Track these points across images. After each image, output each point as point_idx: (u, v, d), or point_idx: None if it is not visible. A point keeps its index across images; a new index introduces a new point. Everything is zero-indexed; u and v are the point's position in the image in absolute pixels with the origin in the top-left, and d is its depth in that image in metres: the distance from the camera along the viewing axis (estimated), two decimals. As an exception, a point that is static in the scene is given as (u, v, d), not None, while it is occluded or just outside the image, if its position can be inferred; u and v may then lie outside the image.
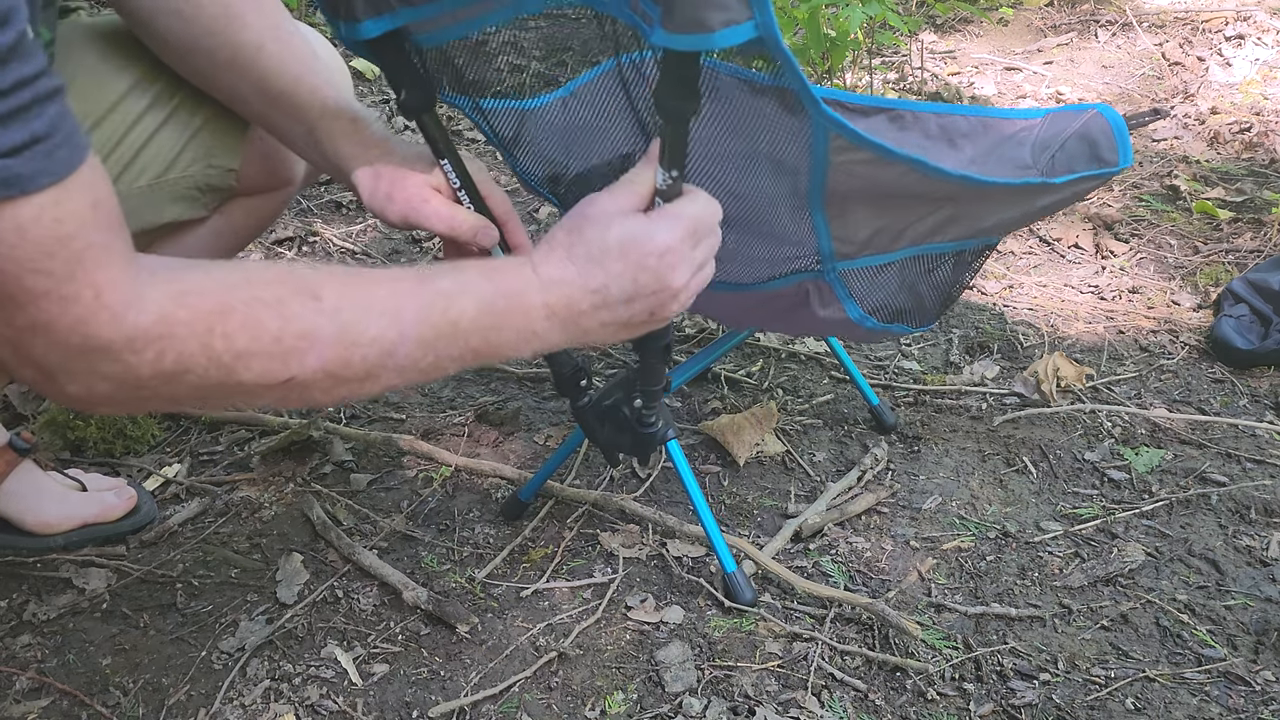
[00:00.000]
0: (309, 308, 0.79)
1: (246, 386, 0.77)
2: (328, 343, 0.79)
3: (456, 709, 1.17)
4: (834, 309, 1.27)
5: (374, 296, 0.82)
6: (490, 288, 0.87)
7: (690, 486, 1.30)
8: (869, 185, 1.09)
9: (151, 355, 0.73)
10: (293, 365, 0.78)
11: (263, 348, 0.77)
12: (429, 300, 0.84)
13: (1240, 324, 1.86)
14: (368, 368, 0.81)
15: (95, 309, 0.70)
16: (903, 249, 1.22)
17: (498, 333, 0.87)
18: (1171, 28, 3.39)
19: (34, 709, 1.17)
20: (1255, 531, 1.45)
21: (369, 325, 0.81)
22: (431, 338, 0.83)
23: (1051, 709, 1.18)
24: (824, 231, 1.17)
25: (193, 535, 1.43)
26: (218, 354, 0.75)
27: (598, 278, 0.89)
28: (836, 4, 2.48)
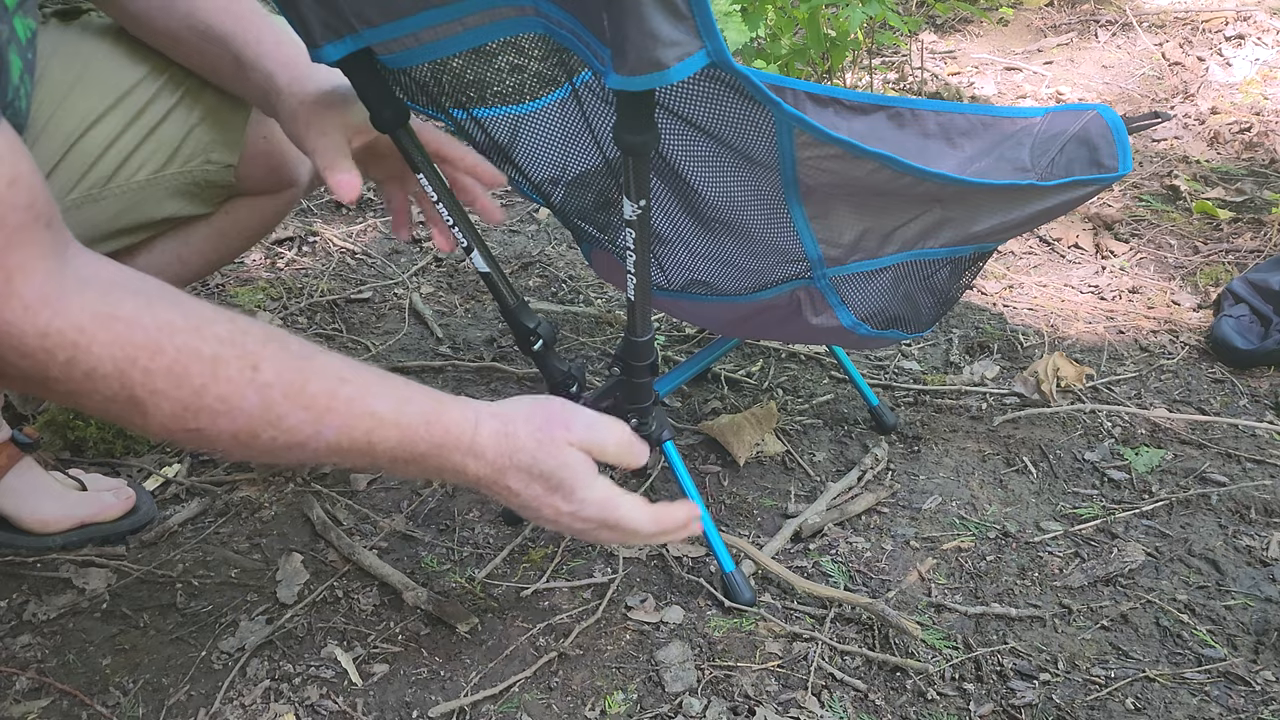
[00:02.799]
0: (243, 376, 0.79)
1: (149, 421, 0.77)
2: (246, 414, 0.79)
3: (456, 709, 1.17)
4: (826, 316, 1.26)
5: (309, 390, 0.82)
6: (424, 432, 0.89)
7: (687, 487, 1.30)
8: (843, 182, 1.09)
9: (63, 359, 0.72)
10: (203, 420, 0.78)
11: (180, 396, 0.77)
12: (358, 418, 0.85)
13: (1240, 324, 1.86)
14: (274, 448, 0.82)
15: (5, 294, 0.69)
16: (893, 254, 1.21)
17: (405, 466, 0.90)
18: (1171, 28, 3.39)
19: (34, 709, 1.17)
20: (1255, 531, 1.45)
21: (291, 414, 0.81)
22: (345, 448, 0.85)
23: (1051, 709, 1.18)
24: (807, 232, 1.16)
25: (193, 535, 1.43)
26: (131, 385, 0.75)
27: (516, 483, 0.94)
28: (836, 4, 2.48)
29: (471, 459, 0.92)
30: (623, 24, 0.84)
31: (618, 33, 0.85)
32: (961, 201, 1.16)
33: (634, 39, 0.84)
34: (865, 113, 1.48)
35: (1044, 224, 1.38)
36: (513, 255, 2.19)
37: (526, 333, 1.23)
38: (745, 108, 1.01)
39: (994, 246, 1.31)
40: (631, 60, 0.85)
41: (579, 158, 1.30)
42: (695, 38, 0.85)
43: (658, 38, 0.83)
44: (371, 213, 2.36)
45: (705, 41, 0.85)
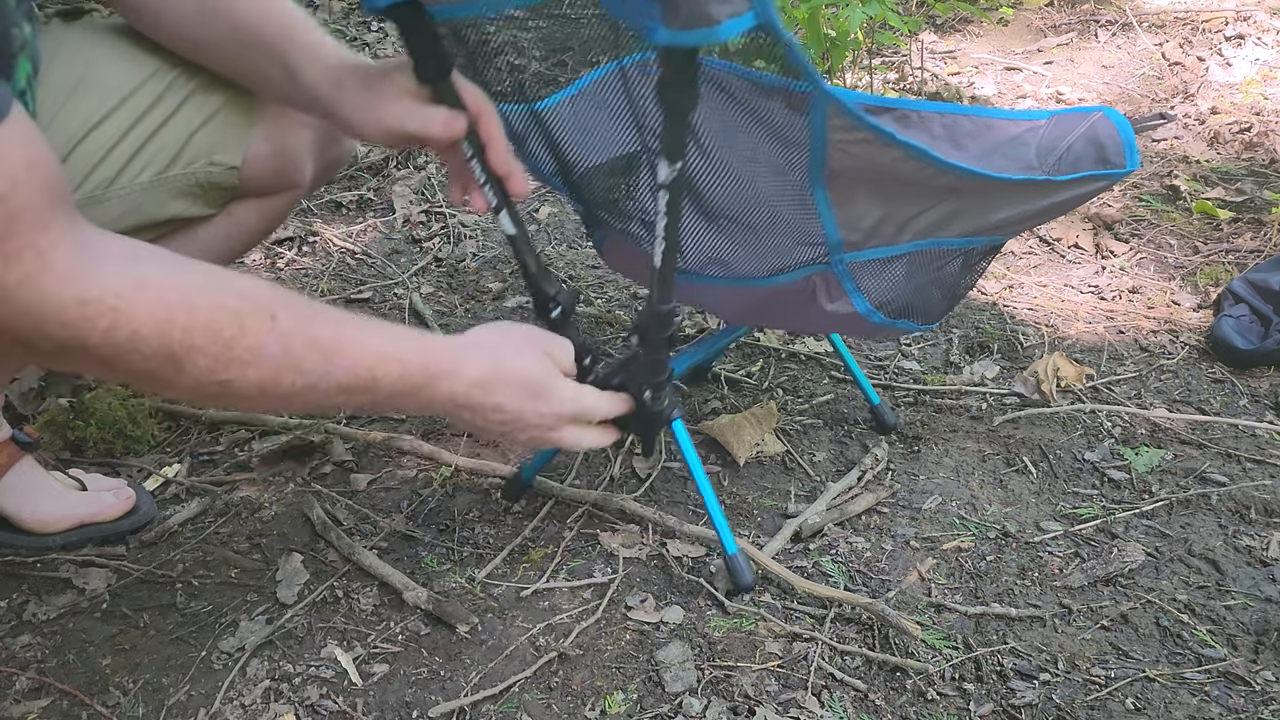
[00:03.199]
0: (264, 326, 0.85)
1: (182, 378, 0.82)
2: (270, 362, 0.86)
3: (456, 709, 1.17)
4: (841, 303, 1.27)
5: (319, 334, 0.90)
6: (418, 363, 0.97)
7: (694, 467, 1.31)
8: (868, 168, 1.11)
9: (104, 324, 0.76)
10: (233, 371, 0.84)
11: (215, 350, 0.82)
12: (362, 354, 0.92)
13: (1240, 324, 1.86)
14: (291, 392, 0.88)
15: (40, 268, 0.73)
16: (909, 242, 1.23)
17: (401, 399, 0.97)
18: (1171, 28, 3.38)
19: (34, 709, 1.17)
20: (1255, 531, 1.45)
21: (306, 358, 0.88)
22: (351, 386, 0.92)
23: (1051, 709, 1.18)
24: (828, 216, 1.19)
25: (193, 535, 1.43)
26: (170, 343, 0.80)
27: (505, 396, 1.03)
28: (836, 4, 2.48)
29: (462, 383, 1.00)
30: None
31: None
32: (977, 194, 1.19)
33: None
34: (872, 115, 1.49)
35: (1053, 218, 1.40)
36: (512, 255, 2.19)
37: (546, 299, 1.23)
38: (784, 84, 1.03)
39: (1004, 240, 1.33)
40: (684, 14, 0.87)
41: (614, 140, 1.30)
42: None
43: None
44: (371, 213, 2.36)
45: (754, 3, 0.87)
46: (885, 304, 1.30)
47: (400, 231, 2.28)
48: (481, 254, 2.20)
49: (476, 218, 2.35)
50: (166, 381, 0.83)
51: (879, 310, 1.30)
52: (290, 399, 0.89)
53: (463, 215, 2.35)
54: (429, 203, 2.38)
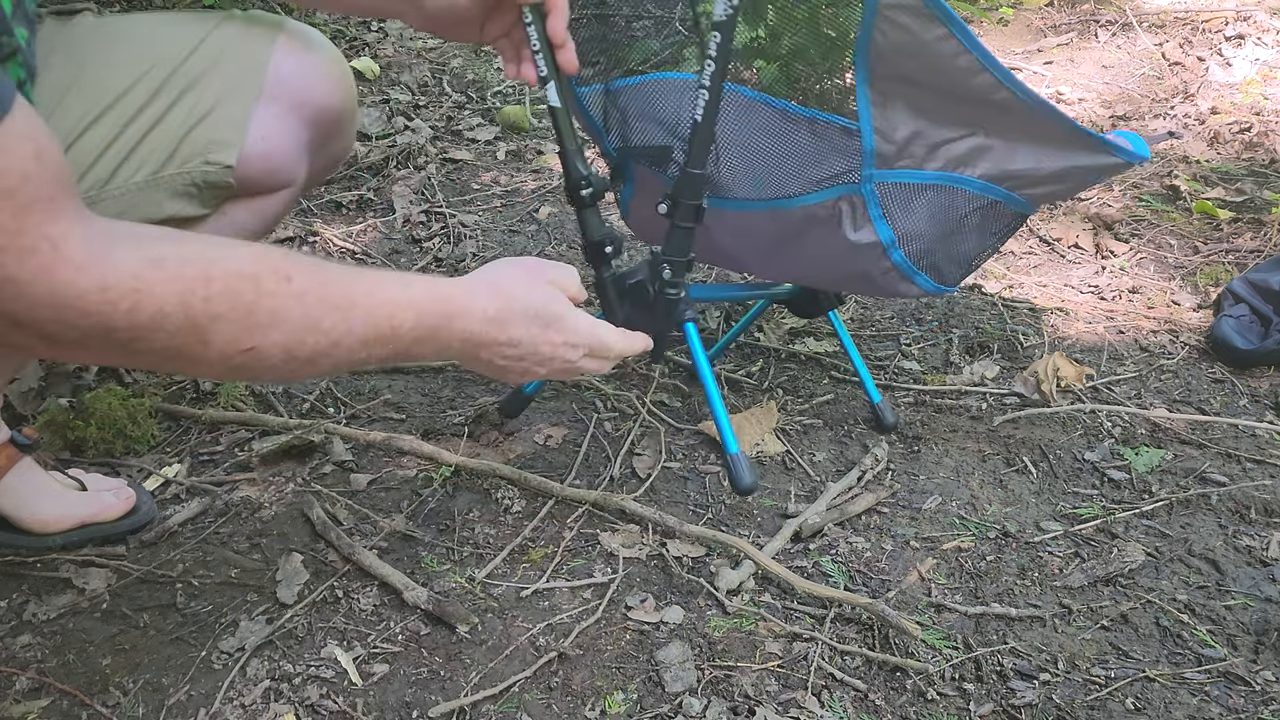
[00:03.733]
0: (281, 288, 0.85)
1: (209, 349, 0.82)
2: (291, 323, 0.86)
3: (456, 709, 1.17)
4: (866, 230, 1.29)
5: (334, 290, 0.90)
6: (432, 306, 0.98)
7: (703, 370, 1.33)
8: (910, 51, 1.14)
9: (127, 306, 0.76)
10: (257, 337, 0.84)
11: (237, 317, 0.82)
12: (378, 305, 0.93)
13: (1240, 324, 1.86)
14: (315, 353, 0.89)
15: (55, 259, 0.73)
16: (937, 171, 1.26)
17: (421, 345, 0.98)
18: (1171, 28, 3.39)
19: (34, 709, 1.17)
20: (1255, 531, 1.45)
21: (325, 316, 0.88)
22: (371, 338, 0.92)
23: (1051, 709, 1.18)
24: (866, 115, 1.21)
25: (193, 535, 1.43)
26: (195, 314, 0.80)
27: (518, 329, 1.04)
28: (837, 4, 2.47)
29: (476, 320, 1.01)
30: None
31: None
32: (1007, 123, 1.21)
33: None
34: None
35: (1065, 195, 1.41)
36: (512, 255, 2.19)
37: (580, 178, 1.25)
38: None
39: (1020, 206, 1.34)
40: None
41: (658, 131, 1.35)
42: None
43: None
44: (371, 213, 2.36)
45: None
46: (907, 238, 1.32)
47: (400, 231, 2.28)
48: (481, 254, 2.20)
49: (476, 217, 2.35)
50: (193, 358, 0.82)
51: (900, 245, 1.31)
52: (316, 361, 0.89)
53: (462, 215, 2.35)
54: (429, 203, 2.38)
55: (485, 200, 2.43)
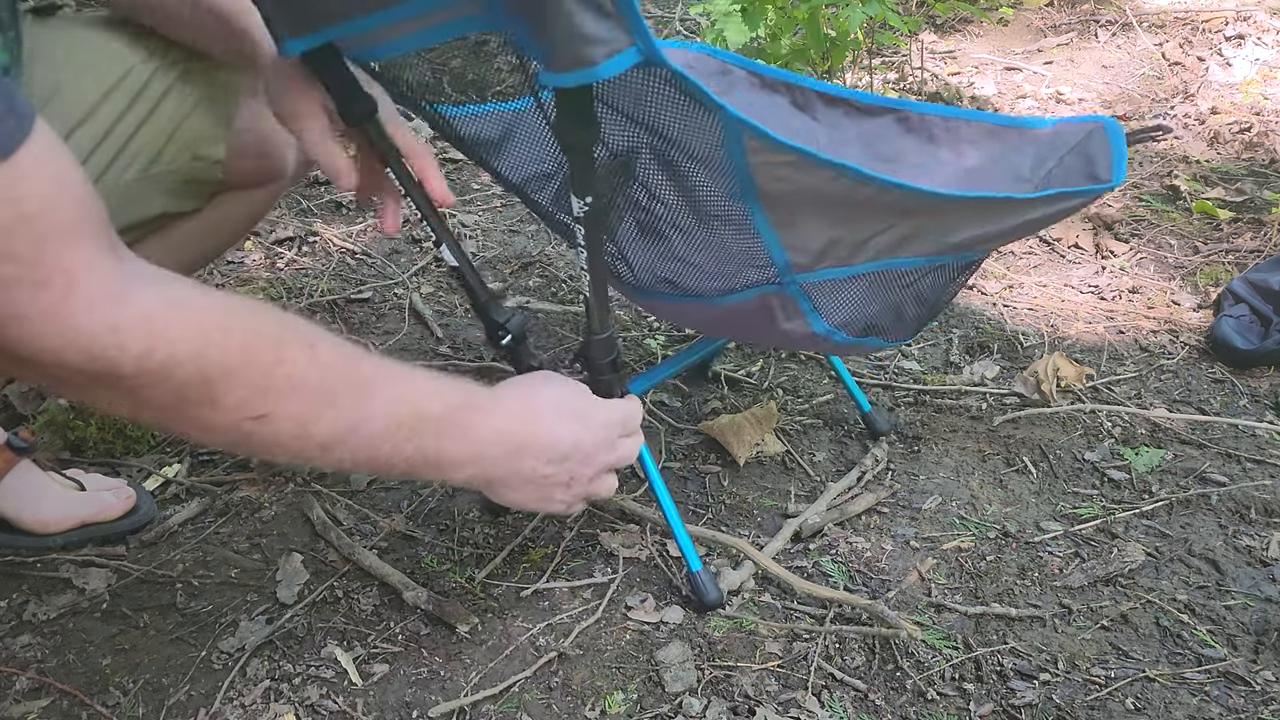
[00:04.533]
0: (305, 355, 0.80)
1: (217, 410, 0.77)
2: (310, 393, 0.80)
3: (456, 709, 1.17)
4: (798, 323, 1.24)
5: (359, 369, 0.85)
6: (460, 399, 0.93)
7: (657, 487, 1.30)
8: (804, 190, 1.07)
9: (137, 351, 0.71)
10: (271, 403, 0.79)
11: (252, 376, 0.77)
12: (403, 390, 0.88)
13: (1240, 324, 1.86)
14: (333, 432, 0.83)
15: (69, 295, 0.68)
16: (866, 263, 1.18)
17: (451, 442, 0.92)
18: (1171, 28, 3.38)
19: (34, 709, 1.17)
20: (1255, 531, 1.45)
21: (347, 393, 0.83)
22: (394, 427, 0.87)
23: (1051, 709, 1.18)
24: (772, 239, 1.14)
25: (193, 535, 1.43)
26: (207, 367, 0.75)
27: (548, 428, 0.98)
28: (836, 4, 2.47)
29: (503, 416, 0.96)
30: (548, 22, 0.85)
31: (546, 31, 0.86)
32: (935, 213, 1.14)
33: (561, 37, 0.85)
34: (873, 115, 1.47)
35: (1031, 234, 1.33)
36: (513, 255, 2.19)
37: (496, 327, 1.24)
38: (694, 111, 1.00)
39: (980, 256, 1.28)
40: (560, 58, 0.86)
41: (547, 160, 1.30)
42: (625, 34, 0.86)
43: (584, 35, 0.84)
44: (371, 213, 2.36)
45: (635, 39, 0.86)
46: (846, 324, 1.25)
47: (400, 231, 2.27)
48: (481, 254, 2.20)
49: (476, 218, 2.35)
50: (198, 418, 0.77)
51: (840, 330, 1.25)
52: (331, 447, 0.83)
53: (462, 215, 2.35)
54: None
55: (485, 200, 2.43)
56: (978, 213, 1.15)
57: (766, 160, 1.04)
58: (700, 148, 1.07)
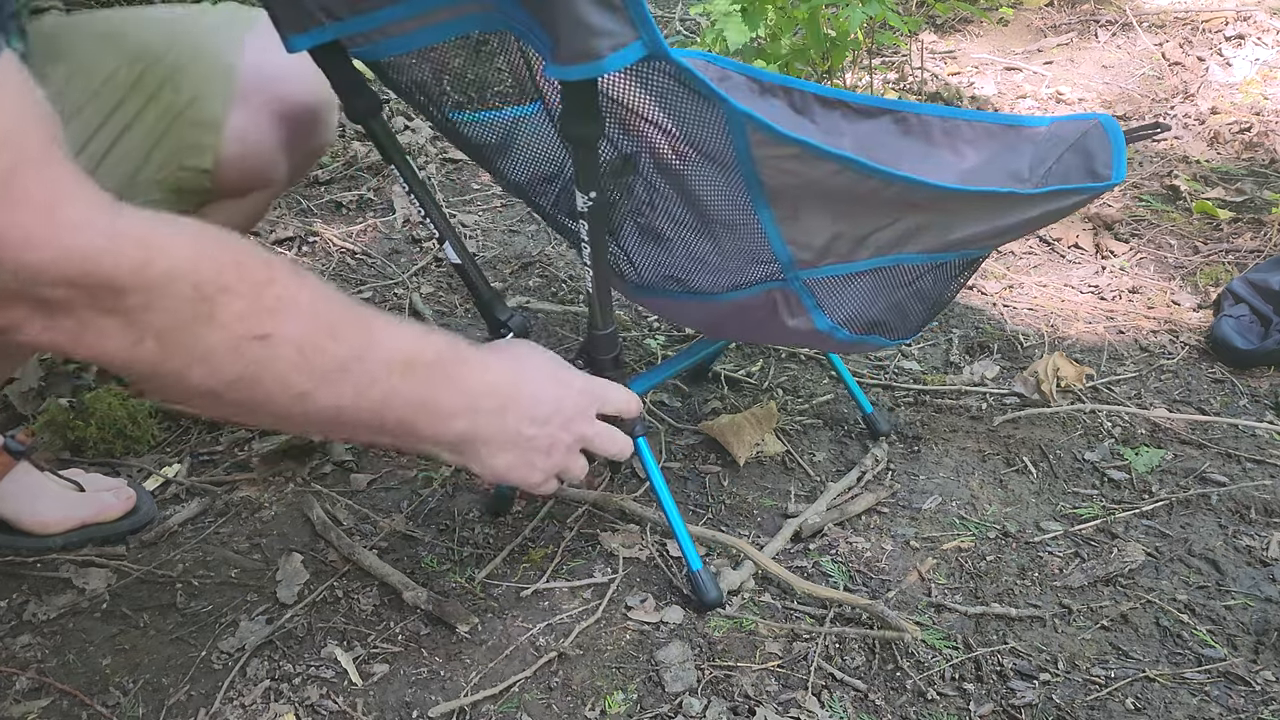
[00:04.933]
0: (295, 278, 0.79)
1: (213, 327, 0.74)
2: (306, 317, 0.79)
3: (456, 709, 1.17)
4: (802, 319, 1.24)
5: (354, 307, 0.84)
6: (450, 348, 0.92)
7: (658, 485, 1.30)
8: (807, 183, 1.08)
9: (134, 260, 0.70)
10: (269, 322, 0.77)
11: (248, 292, 0.76)
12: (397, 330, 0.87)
13: (1240, 324, 1.86)
14: (335, 363, 0.81)
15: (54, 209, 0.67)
16: (869, 259, 1.19)
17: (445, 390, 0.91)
18: (1171, 28, 3.38)
19: (34, 709, 1.17)
20: (1255, 531, 1.45)
21: (345, 323, 0.82)
22: (390, 366, 0.85)
23: (1051, 709, 1.18)
24: (775, 235, 1.15)
25: (193, 535, 1.43)
26: (204, 282, 0.73)
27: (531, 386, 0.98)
28: (836, 4, 2.47)
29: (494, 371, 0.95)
30: (555, 14, 0.86)
31: (552, 23, 0.87)
32: (937, 208, 1.14)
33: (566, 29, 0.86)
34: (871, 116, 1.48)
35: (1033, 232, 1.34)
36: (513, 255, 2.19)
37: (498, 325, 1.24)
38: (698, 105, 1.01)
39: (982, 254, 1.28)
40: (565, 50, 0.87)
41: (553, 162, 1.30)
42: (630, 28, 0.86)
43: (589, 27, 0.85)
44: (371, 213, 2.36)
45: (640, 32, 0.86)
46: (849, 321, 1.26)
47: (400, 231, 2.28)
48: (481, 254, 2.20)
49: (476, 217, 2.35)
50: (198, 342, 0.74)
51: (843, 327, 1.26)
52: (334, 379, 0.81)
53: (462, 215, 2.35)
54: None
55: (485, 200, 2.43)
56: (979, 208, 1.16)
57: (771, 154, 1.04)
58: (706, 141, 1.07)
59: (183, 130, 1.16)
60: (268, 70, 1.19)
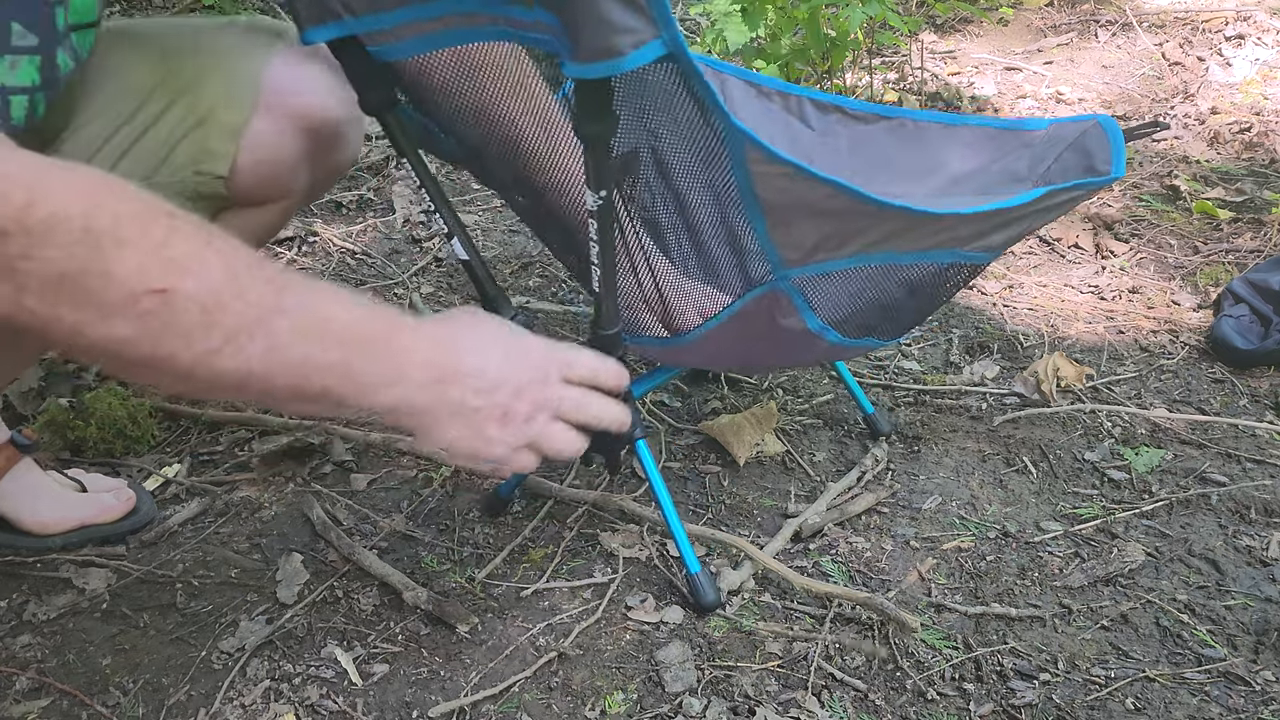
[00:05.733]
0: (200, 238, 0.76)
1: (111, 280, 0.70)
2: (212, 272, 0.75)
3: (456, 709, 1.17)
4: (794, 319, 1.23)
5: (265, 266, 0.80)
6: (377, 312, 0.87)
7: (657, 487, 1.30)
8: (801, 201, 1.08)
9: (20, 200, 0.66)
10: (170, 278, 0.72)
11: (145, 246, 0.72)
12: (313, 293, 0.82)
13: (1240, 324, 1.86)
14: (241, 323, 0.77)
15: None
16: (856, 255, 1.18)
17: (368, 357, 0.85)
18: (1171, 28, 3.38)
19: (34, 709, 1.17)
20: (1255, 531, 1.45)
21: (252, 284, 0.77)
22: (305, 327, 0.81)
23: (1051, 709, 1.18)
24: (765, 239, 1.15)
25: (193, 535, 1.43)
26: (98, 227, 0.69)
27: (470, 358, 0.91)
28: (836, 4, 2.48)
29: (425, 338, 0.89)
30: (575, 10, 0.85)
31: (572, 19, 0.86)
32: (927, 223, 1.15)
33: (587, 25, 0.85)
34: (866, 121, 1.48)
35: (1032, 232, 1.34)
36: (513, 255, 2.19)
37: None
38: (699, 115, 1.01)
39: (982, 258, 1.27)
40: (585, 47, 0.86)
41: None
42: (650, 25, 0.86)
43: (611, 24, 0.84)
44: (371, 213, 2.36)
45: (661, 31, 0.86)
46: (840, 323, 1.25)
47: (400, 231, 2.28)
48: (481, 254, 2.20)
49: (476, 217, 2.35)
50: (91, 294, 0.70)
51: (834, 329, 1.25)
52: (238, 340, 0.76)
53: (463, 215, 2.35)
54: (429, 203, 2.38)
55: (485, 200, 2.43)
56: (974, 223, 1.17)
57: (766, 170, 1.05)
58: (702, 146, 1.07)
59: (202, 136, 1.16)
60: (292, 83, 1.19)
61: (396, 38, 1.05)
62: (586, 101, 0.97)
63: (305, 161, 1.24)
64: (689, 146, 1.10)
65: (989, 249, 1.25)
